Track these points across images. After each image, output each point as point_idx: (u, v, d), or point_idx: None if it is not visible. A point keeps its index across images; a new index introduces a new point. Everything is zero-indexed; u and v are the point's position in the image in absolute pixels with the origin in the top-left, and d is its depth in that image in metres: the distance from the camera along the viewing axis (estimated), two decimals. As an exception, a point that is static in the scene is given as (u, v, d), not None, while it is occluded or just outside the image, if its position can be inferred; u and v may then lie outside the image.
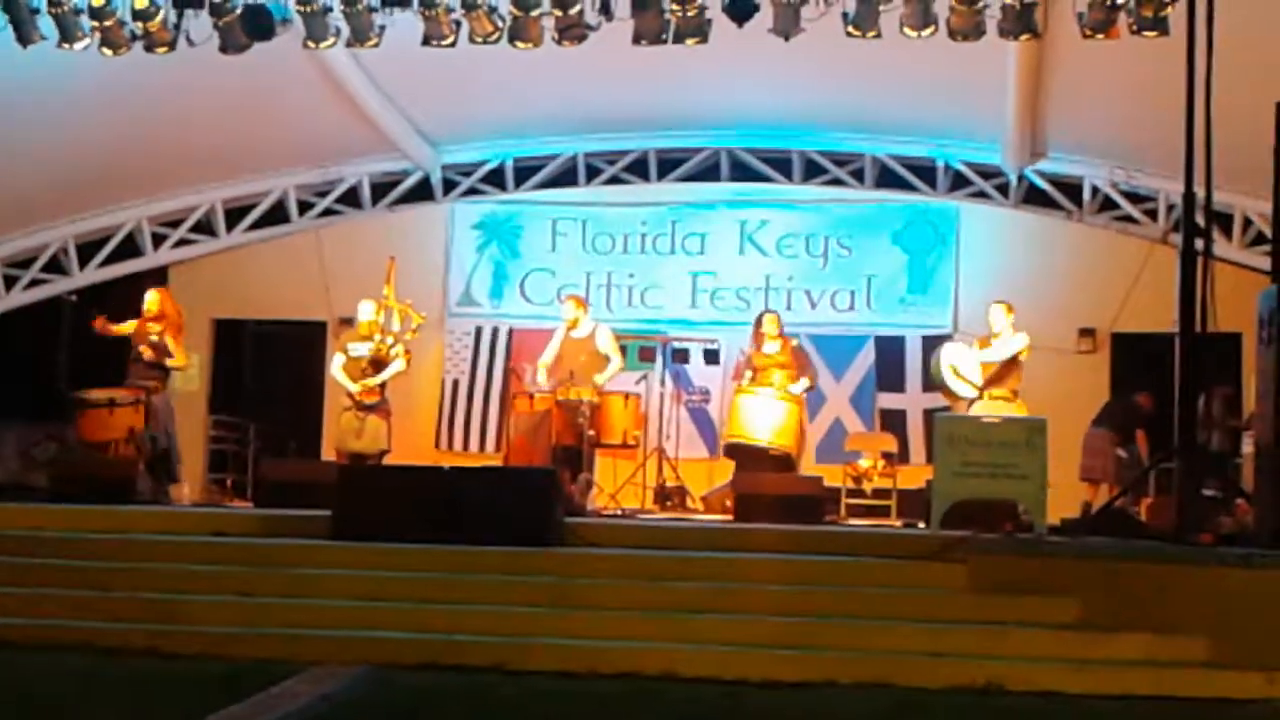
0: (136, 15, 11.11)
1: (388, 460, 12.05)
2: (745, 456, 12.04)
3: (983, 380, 11.49)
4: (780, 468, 11.83)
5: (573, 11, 10.92)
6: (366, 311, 12.36)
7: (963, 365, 11.62)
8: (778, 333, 12.34)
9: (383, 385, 12.18)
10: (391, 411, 12.27)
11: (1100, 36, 10.66)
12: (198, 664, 7.53)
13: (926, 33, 10.81)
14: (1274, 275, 8.49)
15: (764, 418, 12.03)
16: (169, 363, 12.13)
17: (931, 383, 12.10)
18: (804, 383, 12.28)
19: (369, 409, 12.06)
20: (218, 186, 15.53)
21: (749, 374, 12.29)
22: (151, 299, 12.29)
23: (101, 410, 11.77)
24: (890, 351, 14.85)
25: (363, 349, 12.19)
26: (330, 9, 11.13)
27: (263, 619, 8.21)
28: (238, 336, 15.49)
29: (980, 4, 10.59)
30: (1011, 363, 11.52)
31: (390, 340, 12.24)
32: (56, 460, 12.01)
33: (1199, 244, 8.74)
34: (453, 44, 11.24)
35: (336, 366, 12.37)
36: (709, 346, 14.34)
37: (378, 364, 12.17)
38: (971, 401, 11.50)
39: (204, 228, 15.70)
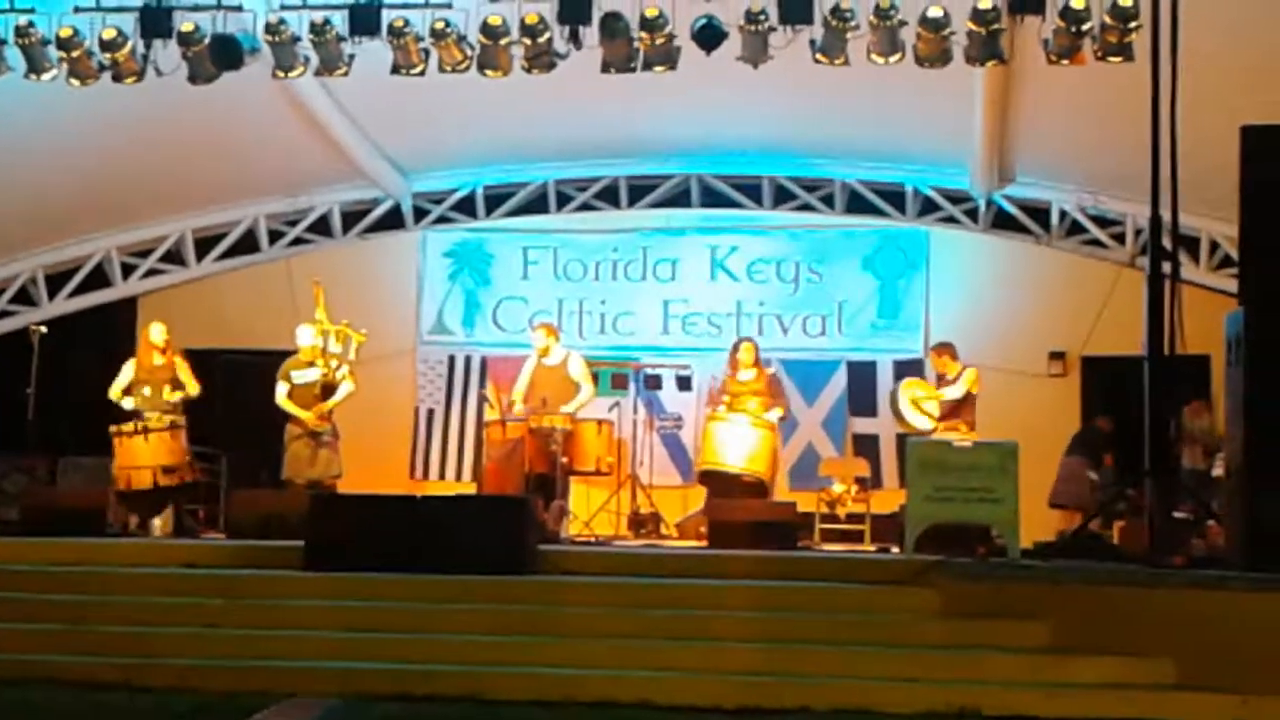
0: (104, 46, 11.09)
1: (341, 486, 11.85)
2: (719, 483, 11.98)
3: (939, 414, 11.56)
4: (753, 494, 11.80)
5: (541, 40, 10.96)
6: (306, 336, 12.10)
7: (925, 402, 11.68)
8: (753, 361, 12.32)
9: (330, 411, 12.01)
10: (339, 435, 12.03)
11: (1066, 62, 10.74)
12: (169, 697, 7.47)
13: (894, 59, 10.88)
14: (1241, 298, 8.53)
15: (737, 444, 11.97)
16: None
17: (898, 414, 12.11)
18: (777, 411, 12.20)
19: (318, 436, 11.91)
20: (187, 216, 15.51)
21: (724, 400, 12.27)
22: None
23: None
24: (862, 376, 14.89)
25: (311, 375, 11.95)
26: (299, 38, 11.14)
27: (235, 651, 8.14)
28: (208, 367, 15.38)
29: (946, 31, 10.66)
30: (964, 397, 11.57)
31: (335, 363, 12.10)
32: (27, 493, 11.93)
33: (1166, 267, 8.79)
34: (422, 73, 11.26)
35: (282, 396, 12.06)
36: (681, 372, 14.35)
37: (328, 389, 12.03)
38: (931, 431, 11.54)
39: (174, 257, 15.67)
